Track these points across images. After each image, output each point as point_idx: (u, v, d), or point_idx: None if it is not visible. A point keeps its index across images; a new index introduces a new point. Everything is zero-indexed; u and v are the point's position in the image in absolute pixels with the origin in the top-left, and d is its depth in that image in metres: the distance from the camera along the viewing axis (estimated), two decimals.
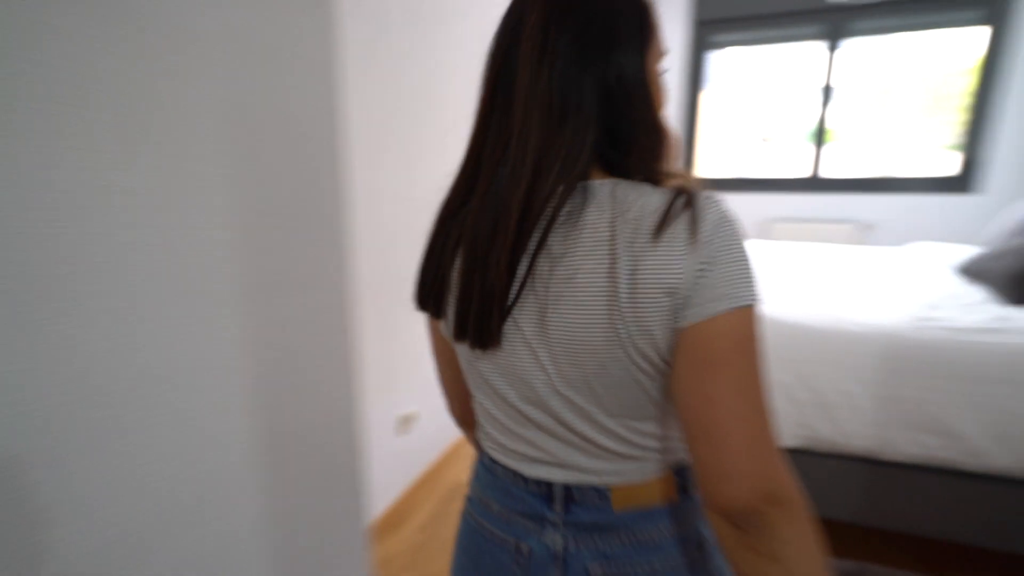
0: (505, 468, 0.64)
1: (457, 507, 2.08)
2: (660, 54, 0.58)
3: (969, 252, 2.42)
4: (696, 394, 0.50)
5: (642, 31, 0.56)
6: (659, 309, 0.50)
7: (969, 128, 3.54)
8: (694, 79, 4.00)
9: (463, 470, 2.29)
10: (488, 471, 0.67)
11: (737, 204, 4.05)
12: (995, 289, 1.83)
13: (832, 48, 3.64)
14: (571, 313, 0.53)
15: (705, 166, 4.21)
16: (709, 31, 3.89)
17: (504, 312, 0.55)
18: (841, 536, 1.79)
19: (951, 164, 3.64)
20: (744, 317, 0.49)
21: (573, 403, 0.56)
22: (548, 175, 0.52)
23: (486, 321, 0.56)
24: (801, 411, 1.58)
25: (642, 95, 0.55)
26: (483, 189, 0.56)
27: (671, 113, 4.06)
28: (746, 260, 0.50)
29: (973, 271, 2.02)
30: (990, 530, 1.51)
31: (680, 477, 0.61)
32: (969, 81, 3.49)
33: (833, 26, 3.61)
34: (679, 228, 0.49)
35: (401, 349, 1.96)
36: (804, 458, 1.62)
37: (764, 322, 1.67)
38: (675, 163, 0.60)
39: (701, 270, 0.49)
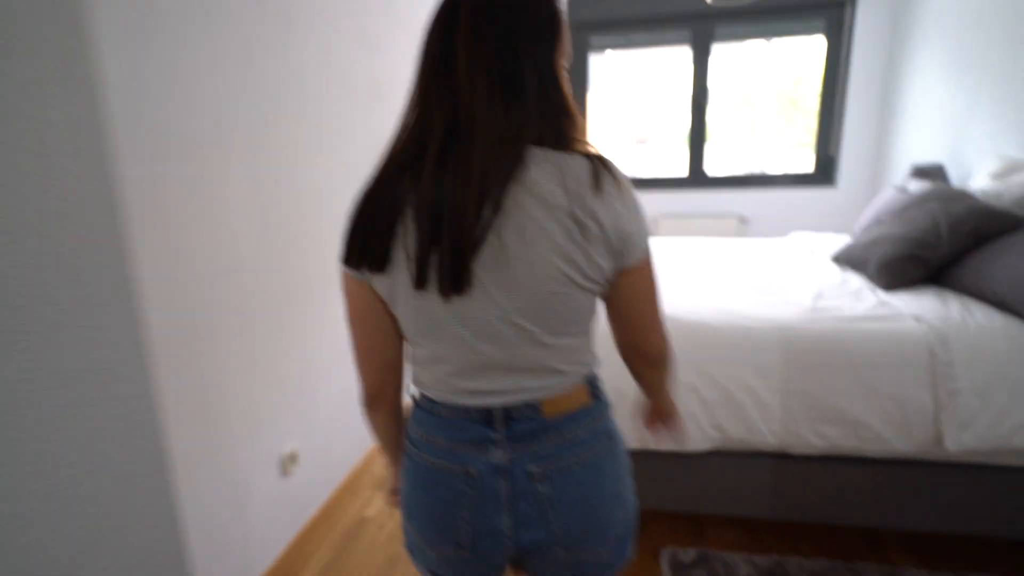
0: (448, 406, 0.74)
1: (365, 543, 1.85)
2: (566, 53, 0.72)
3: (839, 241, 2.59)
4: (632, 302, 0.74)
5: (554, 31, 0.68)
6: (605, 244, 0.66)
7: (820, 128, 3.87)
8: (577, 81, 4.02)
9: (365, 504, 2.05)
10: (430, 413, 0.76)
11: None
12: (869, 276, 1.94)
13: (701, 53, 3.82)
14: (526, 253, 0.64)
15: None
16: (586, 33, 3.93)
17: (466, 264, 0.64)
18: (756, 532, 1.79)
19: (809, 161, 3.97)
20: (649, 256, 0.72)
21: (524, 329, 0.69)
22: (502, 145, 0.63)
23: (458, 267, 0.64)
24: (711, 412, 1.54)
25: (559, 83, 0.69)
26: (435, 155, 0.65)
27: None
28: (643, 213, 0.70)
29: (847, 259, 2.13)
30: (894, 512, 1.56)
31: (592, 385, 0.78)
32: (817, 86, 3.82)
33: (699, 32, 3.78)
34: (607, 183, 0.65)
35: (276, 382, 1.69)
36: (716, 459, 1.59)
37: (668, 322, 1.62)
38: (585, 138, 0.72)
39: (627, 221, 0.67)
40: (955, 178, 2.85)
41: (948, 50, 3.01)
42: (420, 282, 0.66)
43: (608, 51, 4.04)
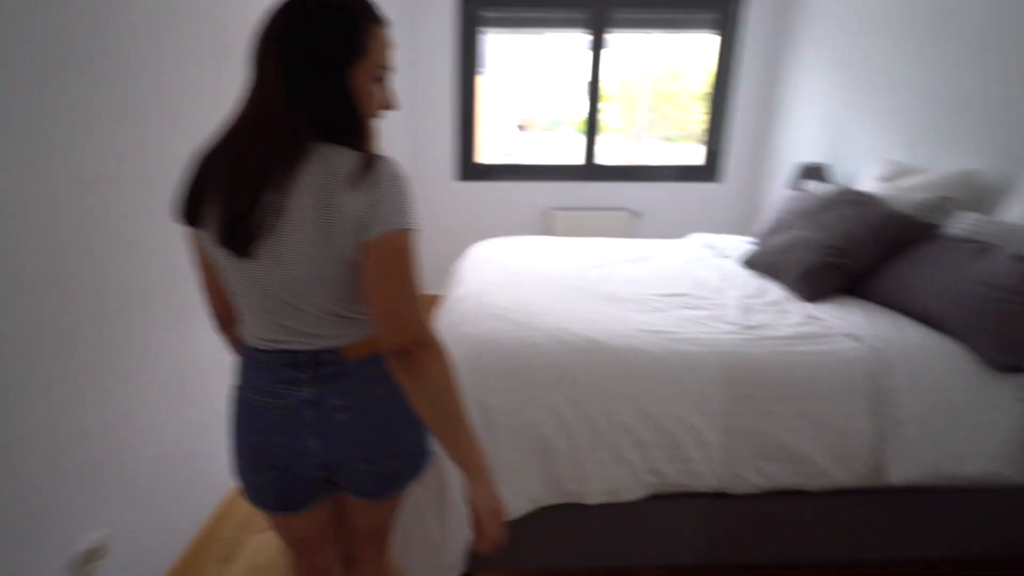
0: (263, 351, 0.88)
1: None
2: (376, 66, 0.83)
3: (740, 242, 2.53)
4: (374, 282, 0.78)
5: (352, 52, 0.79)
6: (348, 233, 0.78)
7: (709, 123, 3.89)
8: (467, 59, 3.66)
9: None
10: (252, 359, 0.90)
11: (518, 193, 3.88)
12: (788, 285, 1.84)
13: (596, 40, 3.63)
14: (290, 236, 0.78)
15: (484, 151, 3.94)
16: (476, 6, 3.57)
17: (249, 232, 0.77)
18: None
19: (698, 156, 3.98)
20: (400, 235, 0.78)
21: (303, 296, 0.83)
22: (284, 142, 0.77)
23: (239, 237, 0.78)
24: (648, 456, 1.31)
25: (350, 94, 0.81)
26: (235, 139, 0.80)
27: (444, 94, 3.67)
28: (404, 200, 0.79)
29: (761, 266, 2.03)
30: (832, 545, 1.45)
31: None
32: (704, 81, 3.82)
33: (595, 16, 3.59)
34: (365, 178, 0.77)
35: (71, 445, 1.18)
36: (649, 505, 1.37)
37: (597, 352, 1.36)
38: (374, 146, 0.85)
39: (374, 204, 0.77)
40: (838, 178, 2.93)
41: (830, 55, 3.08)
42: (220, 242, 0.80)
43: (501, 31, 3.72)
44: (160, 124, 1.48)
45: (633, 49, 3.83)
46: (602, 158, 3.90)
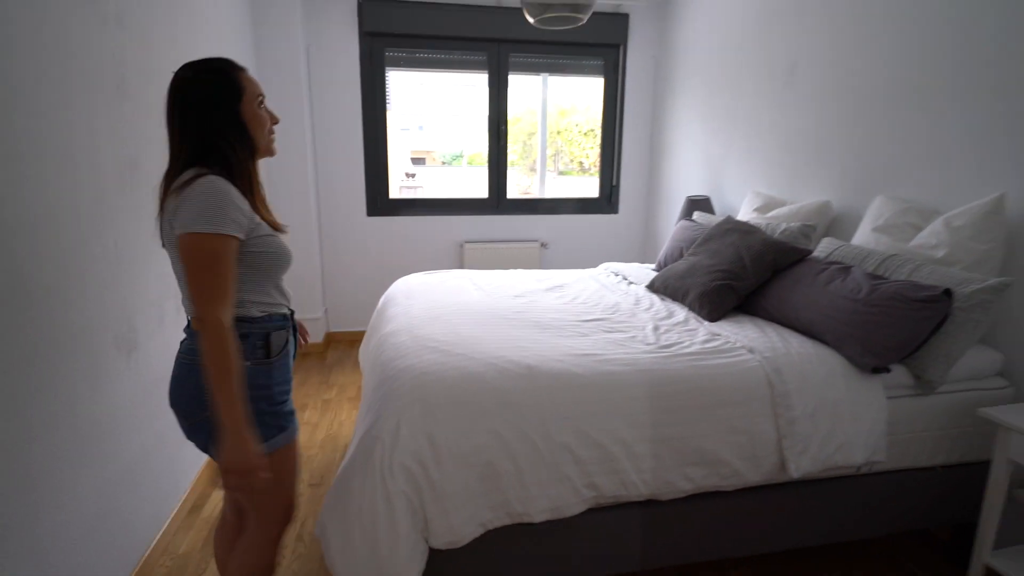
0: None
1: None
2: (253, 98, 1.15)
3: (645, 270, 2.76)
4: (177, 264, 1.10)
5: (222, 99, 1.12)
6: (172, 229, 1.07)
7: (603, 159, 4.21)
8: (374, 96, 3.70)
9: None
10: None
11: (429, 227, 3.94)
12: (690, 306, 2.05)
13: (497, 79, 3.83)
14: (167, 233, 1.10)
15: (396, 184, 3.96)
16: (380, 45, 3.64)
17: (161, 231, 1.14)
18: None
19: (593, 189, 4.28)
20: (194, 237, 1.02)
21: (178, 277, 1.14)
22: (176, 168, 1.11)
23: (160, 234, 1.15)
24: (585, 471, 1.40)
25: (216, 132, 1.11)
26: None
27: (353, 131, 3.67)
28: (200, 209, 1.02)
29: (664, 290, 2.24)
30: (745, 539, 1.61)
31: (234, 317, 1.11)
32: (599, 120, 4.15)
33: (494, 57, 3.80)
34: (180, 190, 1.05)
35: None
36: (585, 519, 1.45)
37: (534, 378, 1.44)
38: (268, 154, 1.22)
39: (176, 210, 1.04)
40: (720, 209, 3.30)
41: (703, 101, 3.49)
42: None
43: (405, 71, 3.81)
44: (82, 168, 1.38)
45: (529, 88, 4.07)
46: (510, 192, 4.08)
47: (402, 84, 3.88)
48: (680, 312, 2.03)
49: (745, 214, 2.75)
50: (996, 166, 1.79)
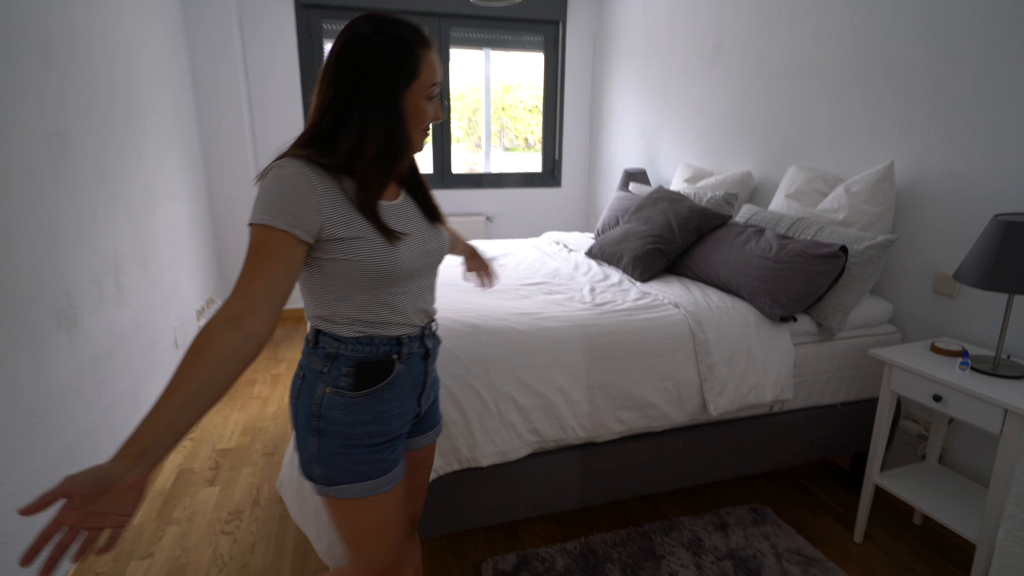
0: None
1: None
2: (424, 87, 0.91)
3: (585, 238, 2.90)
4: None
5: (389, 78, 0.89)
6: None
7: (545, 135, 4.31)
8: (312, 70, 3.64)
9: None
10: None
11: None
12: (624, 269, 2.20)
13: (440, 53, 3.85)
14: None
15: None
16: (318, 17, 3.58)
17: None
18: (562, 523, 1.88)
19: (536, 164, 4.39)
20: (251, 227, 0.83)
21: None
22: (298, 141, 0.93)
23: None
24: (528, 418, 1.53)
25: (392, 118, 0.91)
26: None
27: (292, 105, 3.61)
28: (262, 198, 0.83)
29: (601, 255, 2.39)
30: (670, 475, 1.79)
31: (317, 331, 0.95)
32: (540, 96, 4.24)
33: (435, 31, 3.81)
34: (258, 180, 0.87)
35: None
36: (528, 463, 1.59)
37: (478, 335, 1.55)
38: (418, 150, 0.98)
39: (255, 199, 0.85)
40: (655, 180, 3.48)
41: (638, 77, 3.64)
42: None
43: None
44: None
45: (472, 64, 4.11)
46: (456, 167, 4.12)
47: None
48: (615, 275, 2.18)
49: (677, 184, 2.92)
50: (887, 137, 2.00)
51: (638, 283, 2.07)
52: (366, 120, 0.88)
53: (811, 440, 1.93)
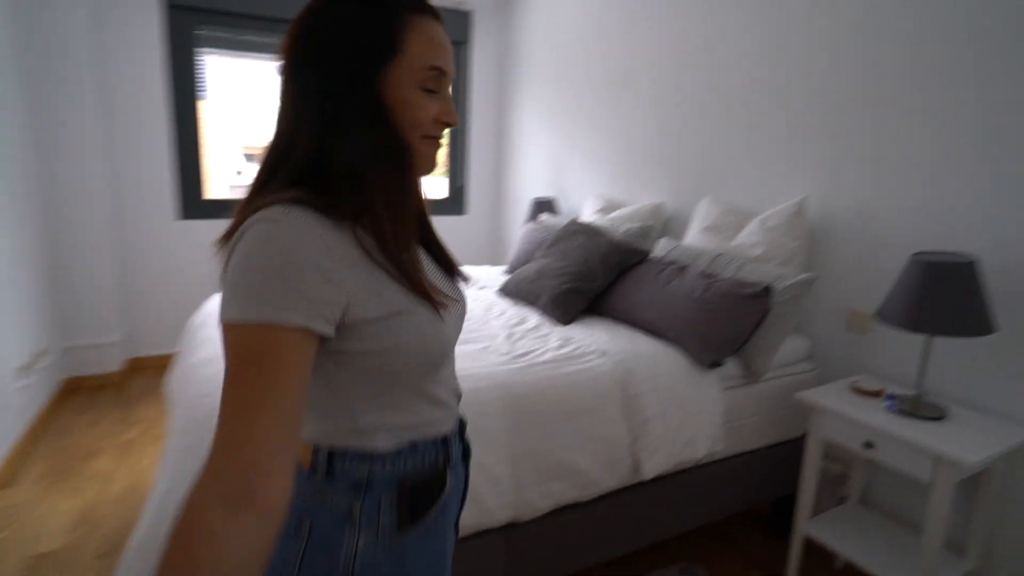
0: None
1: None
2: (414, 67, 0.61)
3: (496, 273, 2.69)
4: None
5: (370, 48, 0.59)
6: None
7: (450, 159, 4.11)
8: (184, 83, 3.17)
9: None
10: None
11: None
12: (542, 310, 2.00)
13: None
14: None
15: (214, 183, 3.45)
16: (189, 22, 3.14)
17: None
18: None
19: (442, 190, 4.16)
20: (230, 330, 0.51)
21: None
22: (255, 187, 0.62)
23: None
24: None
25: (374, 117, 0.61)
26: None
27: (158, 123, 3.11)
28: (248, 279, 0.51)
29: (517, 294, 2.18)
30: (608, 543, 1.59)
31: (316, 451, 0.64)
32: None
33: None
34: (228, 245, 0.56)
35: None
36: None
37: None
38: (426, 172, 0.67)
39: (227, 274, 0.54)
40: (565, 210, 3.36)
41: (547, 102, 3.54)
42: None
43: (222, 54, 3.32)
44: None
45: None
46: None
47: (225, 70, 3.39)
48: (532, 317, 1.98)
49: (589, 215, 2.81)
50: (798, 172, 1.99)
51: (559, 326, 1.88)
52: (345, 125, 0.59)
53: (739, 489, 1.83)
